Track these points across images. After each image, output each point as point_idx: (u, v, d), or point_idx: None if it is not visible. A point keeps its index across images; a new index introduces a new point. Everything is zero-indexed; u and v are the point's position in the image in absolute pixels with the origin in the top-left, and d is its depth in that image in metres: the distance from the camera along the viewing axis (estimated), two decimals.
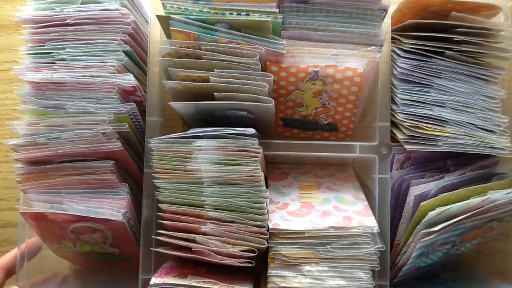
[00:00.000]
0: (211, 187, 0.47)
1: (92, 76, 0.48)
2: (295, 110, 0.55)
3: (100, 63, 0.48)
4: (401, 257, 0.51)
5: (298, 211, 0.50)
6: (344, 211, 0.50)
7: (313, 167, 0.60)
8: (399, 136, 0.51)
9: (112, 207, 0.49)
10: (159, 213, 0.48)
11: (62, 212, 0.48)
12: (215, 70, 0.46)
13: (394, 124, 0.52)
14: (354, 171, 0.60)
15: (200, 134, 0.47)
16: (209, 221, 0.46)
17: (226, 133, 0.46)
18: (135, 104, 0.50)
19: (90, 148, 0.48)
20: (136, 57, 0.52)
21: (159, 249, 0.49)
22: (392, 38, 0.51)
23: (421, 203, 0.48)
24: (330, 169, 0.60)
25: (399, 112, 0.50)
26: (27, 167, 0.50)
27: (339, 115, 0.55)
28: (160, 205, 0.47)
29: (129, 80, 0.48)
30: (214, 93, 0.47)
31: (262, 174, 0.46)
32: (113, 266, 0.58)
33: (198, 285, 0.45)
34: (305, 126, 0.58)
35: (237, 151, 0.46)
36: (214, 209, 0.47)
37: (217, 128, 0.47)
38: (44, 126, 0.49)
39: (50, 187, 0.50)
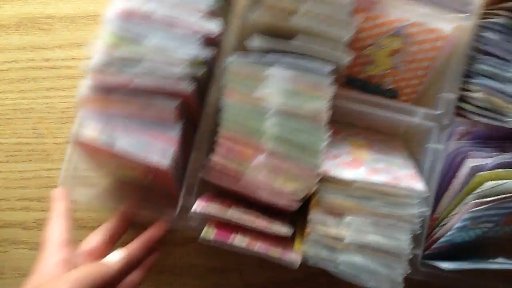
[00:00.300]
0: (274, 118, 0.44)
1: (180, 15, 0.46)
2: (363, 68, 0.54)
3: (192, 4, 0.46)
4: (439, 229, 0.50)
5: (349, 163, 0.49)
6: (394, 172, 0.49)
7: (363, 131, 0.59)
8: (467, 107, 0.50)
9: (162, 149, 0.46)
10: (218, 136, 0.46)
11: (111, 147, 0.45)
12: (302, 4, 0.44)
13: (460, 98, 0.51)
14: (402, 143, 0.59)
15: (277, 61, 0.44)
16: (265, 152, 0.44)
17: (303, 65, 0.44)
18: (215, 50, 0.48)
19: (162, 86, 0.46)
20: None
21: (204, 177, 0.47)
22: (483, 11, 0.51)
23: (478, 173, 0.47)
24: (379, 136, 0.58)
25: (473, 83, 0.50)
26: (92, 90, 0.47)
27: (405, 81, 0.54)
28: (220, 127, 0.46)
29: (215, 26, 0.47)
30: (294, 38, 0.45)
31: (327, 114, 0.44)
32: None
33: (240, 216, 0.45)
34: (366, 88, 0.56)
35: (310, 85, 0.44)
36: (273, 141, 0.44)
37: (296, 58, 0.44)
38: (122, 54, 0.46)
39: (108, 115, 0.47)
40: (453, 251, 0.52)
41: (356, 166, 0.48)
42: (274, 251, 0.45)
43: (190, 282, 0.58)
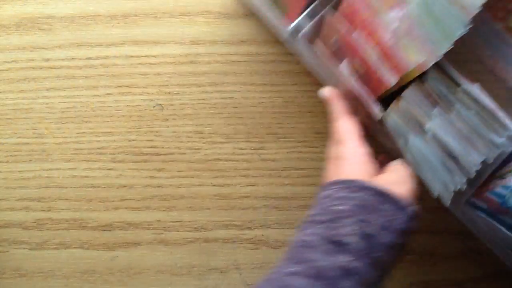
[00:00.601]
0: None
1: None
2: (506, 16, 0.50)
3: None
4: (499, 180, 0.48)
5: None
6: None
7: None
8: None
9: None
10: None
11: None
12: None
13: None
14: None
15: None
16: (405, 10, 0.44)
17: None
18: None
19: None
20: None
21: None
22: None
23: None
24: None
25: None
26: None
27: None
28: None
29: None
30: None
31: (477, 11, 0.42)
32: None
33: (363, 41, 0.45)
34: None
35: None
36: (418, 5, 0.43)
37: None
38: None
39: None
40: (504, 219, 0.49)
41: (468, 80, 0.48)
42: (366, 94, 0.45)
43: (190, 282, 0.58)
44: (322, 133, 0.58)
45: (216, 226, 0.58)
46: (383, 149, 0.51)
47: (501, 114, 0.45)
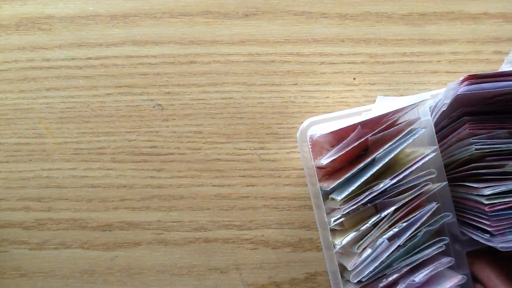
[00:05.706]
0: None
1: None
2: None
3: None
4: None
5: None
6: None
7: None
8: None
9: None
10: None
11: None
12: None
13: None
14: None
15: None
16: None
17: None
18: None
19: None
20: None
21: None
22: None
23: None
24: None
25: None
26: None
27: None
28: None
29: None
30: None
31: None
32: None
33: None
34: None
35: None
36: None
37: None
38: None
39: None
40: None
41: None
42: None
43: (190, 282, 0.58)
44: None
45: (216, 226, 0.58)
46: None
47: None
